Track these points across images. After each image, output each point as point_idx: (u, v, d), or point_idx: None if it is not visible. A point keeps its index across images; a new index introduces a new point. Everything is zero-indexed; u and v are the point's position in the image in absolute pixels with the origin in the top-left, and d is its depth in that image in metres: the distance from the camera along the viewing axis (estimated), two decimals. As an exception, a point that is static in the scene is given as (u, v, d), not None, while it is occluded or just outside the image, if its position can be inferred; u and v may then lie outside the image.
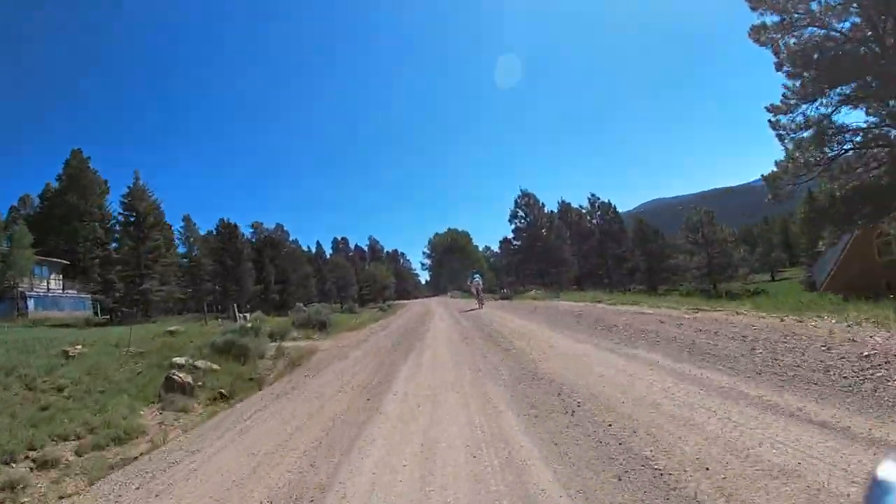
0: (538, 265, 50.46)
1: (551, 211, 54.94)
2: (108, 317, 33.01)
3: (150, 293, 34.36)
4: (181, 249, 43.63)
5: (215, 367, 9.54)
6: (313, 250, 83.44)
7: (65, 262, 33.28)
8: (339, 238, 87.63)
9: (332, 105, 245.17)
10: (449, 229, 75.42)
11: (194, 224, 46.29)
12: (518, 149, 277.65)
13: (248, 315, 14.82)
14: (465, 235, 73.57)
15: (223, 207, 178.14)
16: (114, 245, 37.33)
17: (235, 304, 16.56)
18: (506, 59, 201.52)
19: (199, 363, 9.49)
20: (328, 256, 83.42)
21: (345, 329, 16.82)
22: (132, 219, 36.72)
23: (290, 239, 62.90)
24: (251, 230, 54.69)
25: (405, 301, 63.19)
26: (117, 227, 37.58)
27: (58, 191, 37.07)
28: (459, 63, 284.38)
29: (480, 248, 74.92)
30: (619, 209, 61.91)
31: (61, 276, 33.34)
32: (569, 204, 58.64)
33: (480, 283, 21.50)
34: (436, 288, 76.60)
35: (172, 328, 13.54)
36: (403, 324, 17.59)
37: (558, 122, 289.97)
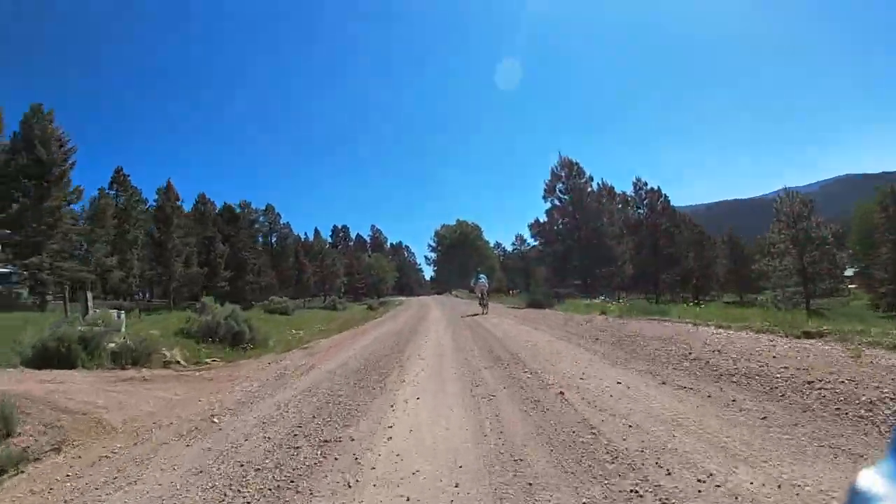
0: (582, 261, 39.31)
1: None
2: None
3: (41, 271, 26.02)
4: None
5: None
6: (311, 238, 78.54)
7: None
8: (340, 226, 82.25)
9: (345, 96, 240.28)
10: (458, 221, 69.11)
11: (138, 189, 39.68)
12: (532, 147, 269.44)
13: (122, 313, 9.29)
14: (475, 228, 67.13)
15: (225, 193, 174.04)
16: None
17: (88, 292, 10.92)
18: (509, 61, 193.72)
19: None
20: (327, 246, 78.39)
21: (281, 347, 11.07)
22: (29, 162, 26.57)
23: (282, 222, 57.58)
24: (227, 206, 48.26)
25: (404, 298, 57.75)
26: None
27: None
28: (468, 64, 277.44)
29: (491, 244, 68.95)
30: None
31: None
32: (612, 187, 44.03)
33: (486, 285, 18.74)
34: (440, 285, 70.99)
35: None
36: (383, 339, 11.95)
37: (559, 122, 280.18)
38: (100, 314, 8.53)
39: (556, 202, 40.37)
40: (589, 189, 40.25)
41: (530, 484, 2.54)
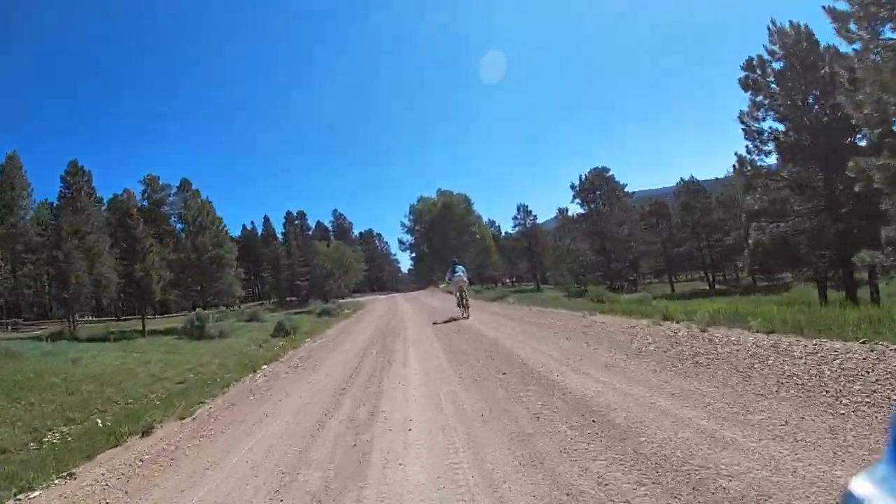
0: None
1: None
2: None
3: None
4: None
5: None
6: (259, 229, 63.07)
7: None
8: (295, 213, 66.84)
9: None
10: (440, 191, 54.14)
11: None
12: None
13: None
14: (463, 199, 52.25)
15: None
16: None
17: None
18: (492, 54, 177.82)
19: None
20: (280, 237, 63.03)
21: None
22: None
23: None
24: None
25: (374, 296, 43.43)
26: None
27: None
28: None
29: (484, 221, 54.43)
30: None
31: None
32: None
33: (465, 278, 12.70)
34: (420, 277, 56.71)
35: None
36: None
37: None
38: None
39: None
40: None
41: None
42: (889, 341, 3.54)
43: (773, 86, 20.27)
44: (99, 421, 7.14)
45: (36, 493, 3.46)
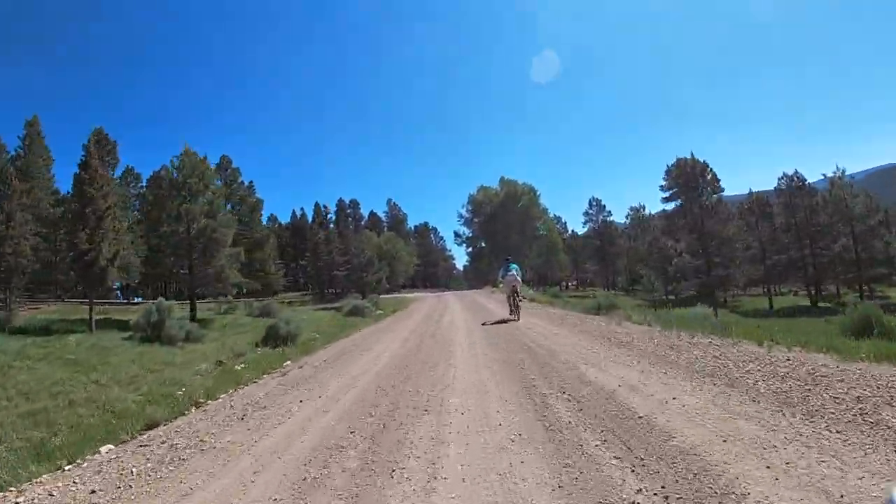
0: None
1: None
2: None
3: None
4: None
5: None
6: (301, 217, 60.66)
7: None
8: (348, 201, 63.73)
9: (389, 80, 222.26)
10: (503, 179, 46.88)
11: None
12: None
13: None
14: (528, 189, 45.31)
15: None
16: None
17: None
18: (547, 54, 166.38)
19: None
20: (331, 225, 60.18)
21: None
22: None
23: (244, 183, 39.50)
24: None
25: (424, 293, 38.45)
26: None
27: None
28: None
29: (551, 216, 47.28)
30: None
31: None
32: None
33: (518, 278, 11.51)
34: (477, 275, 51.00)
35: None
36: None
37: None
38: None
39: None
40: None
41: None
42: None
43: None
44: None
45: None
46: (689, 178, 39.44)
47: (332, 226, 62.79)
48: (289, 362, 7.67)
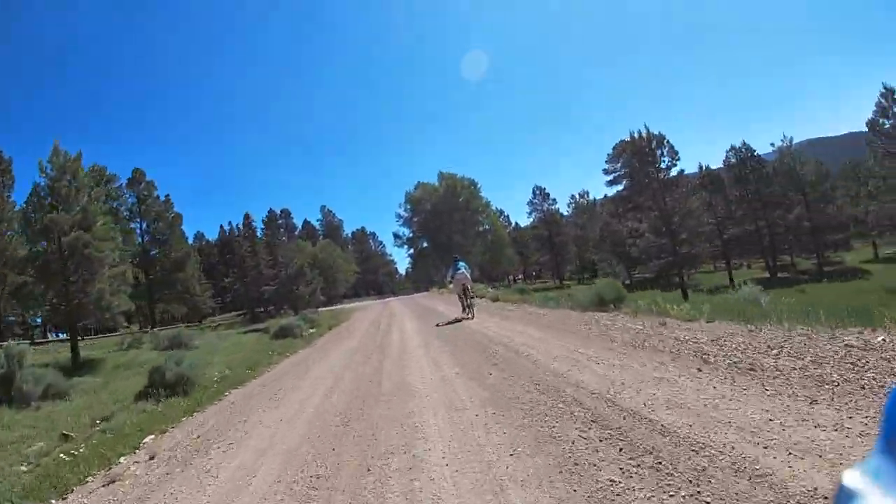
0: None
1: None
2: None
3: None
4: None
5: None
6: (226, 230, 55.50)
7: None
8: (279, 211, 59.11)
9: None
10: (441, 173, 45.36)
11: None
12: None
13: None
14: (469, 183, 44.14)
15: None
16: None
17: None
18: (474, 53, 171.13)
19: None
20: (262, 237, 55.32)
21: None
22: None
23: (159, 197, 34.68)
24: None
25: (365, 302, 35.95)
26: None
27: None
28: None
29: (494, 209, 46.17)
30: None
31: None
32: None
33: (467, 275, 11.47)
34: (420, 277, 48.98)
35: None
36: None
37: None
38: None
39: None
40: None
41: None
42: None
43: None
44: None
45: None
46: (642, 154, 37.51)
47: (260, 237, 58.00)
48: (150, 437, 5.01)
